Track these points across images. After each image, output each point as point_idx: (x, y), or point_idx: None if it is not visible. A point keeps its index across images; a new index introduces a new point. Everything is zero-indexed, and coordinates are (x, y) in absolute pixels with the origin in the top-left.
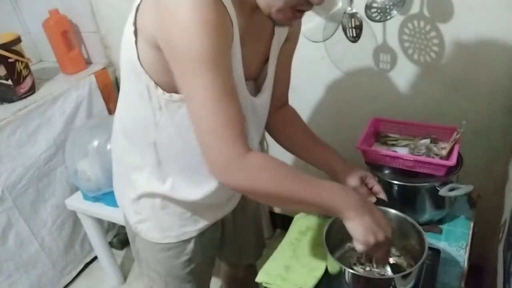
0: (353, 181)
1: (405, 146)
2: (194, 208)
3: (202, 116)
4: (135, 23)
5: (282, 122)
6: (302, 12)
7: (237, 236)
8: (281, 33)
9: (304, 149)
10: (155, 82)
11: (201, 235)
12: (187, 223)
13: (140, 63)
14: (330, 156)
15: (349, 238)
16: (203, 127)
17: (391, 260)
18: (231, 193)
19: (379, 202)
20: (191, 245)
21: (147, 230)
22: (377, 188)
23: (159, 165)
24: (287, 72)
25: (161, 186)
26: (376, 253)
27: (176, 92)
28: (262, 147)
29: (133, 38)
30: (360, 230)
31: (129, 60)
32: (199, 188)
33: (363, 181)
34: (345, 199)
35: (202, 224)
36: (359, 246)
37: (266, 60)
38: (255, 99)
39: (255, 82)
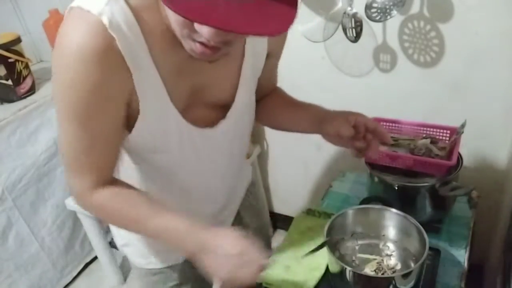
0: (345, 130)
1: (405, 146)
2: None
3: (62, 152)
4: None
5: (263, 106)
6: (203, 44)
7: None
8: (257, 55)
9: (288, 120)
10: None
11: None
12: (171, 249)
13: None
14: (313, 112)
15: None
16: (63, 159)
17: (392, 260)
18: (218, 220)
19: (380, 200)
20: (177, 271)
21: (131, 254)
22: (377, 128)
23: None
24: (273, 76)
25: None
26: (240, 277)
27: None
28: (262, 147)
29: None
30: (213, 269)
31: None
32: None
33: (356, 128)
34: (183, 244)
35: None
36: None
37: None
38: (207, 130)
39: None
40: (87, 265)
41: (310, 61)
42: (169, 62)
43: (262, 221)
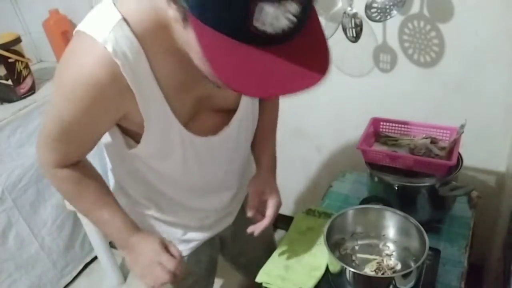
0: (250, 198)
1: (405, 146)
2: (182, 226)
3: (42, 130)
4: None
5: None
6: None
7: (242, 253)
8: None
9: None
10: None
11: (196, 253)
12: (176, 242)
13: None
14: (257, 162)
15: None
16: (42, 129)
17: (392, 260)
18: (228, 211)
19: (380, 200)
20: (182, 265)
21: None
22: (268, 211)
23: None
24: None
25: (145, 207)
26: (149, 278)
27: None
28: None
29: None
30: (131, 267)
31: None
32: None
33: (260, 197)
34: (117, 238)
35: (193, 243)
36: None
37: None
38: (210, 138)
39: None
40: (87, 265)
41: None
42: (174, 81)
43: None
